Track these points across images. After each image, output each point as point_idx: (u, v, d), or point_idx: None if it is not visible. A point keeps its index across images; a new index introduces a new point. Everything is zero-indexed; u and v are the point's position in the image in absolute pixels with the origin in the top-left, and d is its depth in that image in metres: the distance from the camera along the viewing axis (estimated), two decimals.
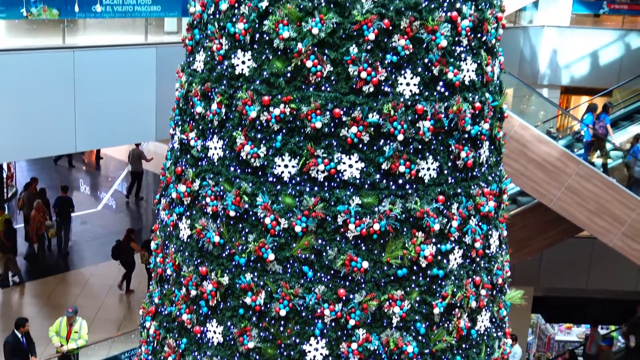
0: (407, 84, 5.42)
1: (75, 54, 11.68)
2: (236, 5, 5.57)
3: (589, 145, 16.14)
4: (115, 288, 17.77)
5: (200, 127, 5.89)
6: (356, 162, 5.44)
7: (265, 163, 5.54)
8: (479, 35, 5.71)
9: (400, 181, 5.52)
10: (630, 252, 14.36)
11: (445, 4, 5.45)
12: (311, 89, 5.40)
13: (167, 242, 6.28)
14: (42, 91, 11.61)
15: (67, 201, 19.94)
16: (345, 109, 5.36)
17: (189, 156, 6.01)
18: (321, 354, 5.57)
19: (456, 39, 5.53)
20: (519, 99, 19.63)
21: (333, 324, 5.54)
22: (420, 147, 5.50)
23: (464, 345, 5.93)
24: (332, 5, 5.31)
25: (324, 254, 5.50)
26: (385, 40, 5.34)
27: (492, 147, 6.10)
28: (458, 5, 5.51)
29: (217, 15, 5.74)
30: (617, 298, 21.00)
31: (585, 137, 16.38)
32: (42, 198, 19.63)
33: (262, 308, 5.61)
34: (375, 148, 5.43)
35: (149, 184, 25.25)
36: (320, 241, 5.49)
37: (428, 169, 5.58)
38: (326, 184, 5.47)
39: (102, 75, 12.16)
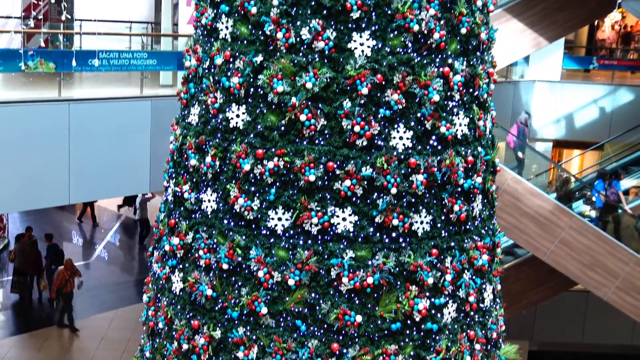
0: (400, 138, 5.47)
1: (70, 107, 11.76)
2: (231, 59, 5.64)
3: (600, 211, 16.11)
4: (107, 341, 17.54)
5: (194, 180, 5.91)
6: (350, 215, 5.45)
7: (259, 216, 5.54)
8: (471, 90, 5.79)
9: (394, 234, 5.52)
10: (625, 305, 14.29)
11: (438, 60, 5.54)
12: (305, 143, 5.44)
13: (159, 295, 6.24)
14: (36, 143, 11.65)
15: (55, 249, 19.77)
16: (338, 163, 5.39)
17: (182, 209, 6.02)
18: None
19: (448, 93, 5.60)
20: (511, 152, 19.75)
21: None
22: (413, 200, 5.52)
23: None
24: (325, 61, 5.39)
25: (317, 307, 5.46)
26: (379, 94, 5.40)
27: (485, 200, 6.12)
28: (450, 60, 5.60)
29: (212, 70, 5.81)
30: (613, 352, 20.82)
31: (596, 203, 16.37)
32: (33, 249, 19.50)
33: None
34: (368, 201, 5.45)
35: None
36: (313, 295, 5.46)
37: (421, 223, 5.59)
38: (319, 237, 5.46)
39: (97, 128, 12.22)
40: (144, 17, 21.43)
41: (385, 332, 5.52)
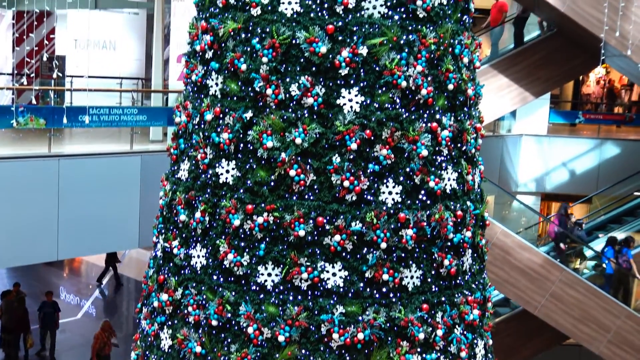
0: (390, 193, 5.50)
1: (60, 162, 11.77)
2: (221, 115, 5.69)
3: (611, 278, 16.09)
4: None
5: (184, 236, 5.89)
6: (339, 270, 5.44)
7: (249, 272, 5.52)
8: (459, 145, 5.84)
9: (384, 289, 5.50)
10: (617, 359, 14.19)
11: (426, 115, 5.60)
12: (294, 198, 5.46)
13: (147, 353, 6.16)
14: (25, 199, 11.62)
15: (52, 306, 19.50)
16: (328, 218, 5.40)
17: (171, 264, 5.99)
18: None
19: (437, 148, 5.65)
20: (500, 206, 19.83)
21: None
22: (403, 255, 5.52)
23: None
24: (315, 116, 5.44)
25: None
26: (368, 150, 5.45)
27: (475, 254, 6.13)
28: (438, 116, 5.67)
29: (202, 126, 5.84)
30: None
31: (607, 270, 16.37)
32: (20, 306, 19.24)
33: None
34: (358, 256, 5.44)
35: (130, 291, 24.91)
36: (303, 351, 5.41)
37: (411, 277, 5.58)
38: (309, 292, 5.44)
39: (86, 183, 12.21)
40: (134, 73, 21.62)
41: None
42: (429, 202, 5.61)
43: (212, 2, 5.88)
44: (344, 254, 5.43)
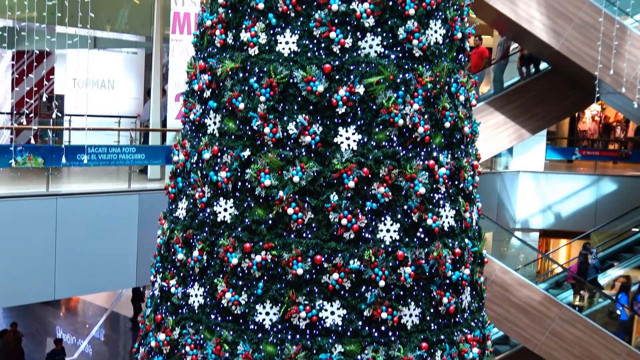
0: (388, 231, 5.50)
1: (58, 201, 11.76)
2: (219, 154, 5.71)
3: (625, 325, 16.00)
4: None
5: (181, 275, 5.87)
6: (338, 309, 5.41)
7: (247, 311, 5.49)
8: (456, 182, 5.86)
9: (383, 328, 5.47)
10: None
11: (423, 153, 5.63)
12: (292, 236, 5.46)
13: None
14: (22, 238, 11.58)
15: (61, 353, 19.27)
16: (326, 256, 5.39)
17: (169, 304, 5.96)
18: None
19: (434, 186, 5.67)
20: (498, 242, 19.79)
21: None
22: (402, 293, 5.50)
23: None
24: (312, 155, 5.46)
25: None
26: (365, 187, 5.46)
27: (474, 292, 6.11)
28: (435, 154, 5.69)
29: (200, 164, 5.86)
30: None
31: (621, 317, 16.28)
32: (16, 345, 19.05)
33: None
34: (357, 295, 5.42)
35: (126, 330, 24.72)
36: None
37: (410, 316, 5.55)
38: (308, 331, 5.40)
39: (83, 222, 12.18)
40: (133, 111, 21.71)
41: None
42: (427, 239, 5.61)
43: (210, 42, 5.95)
44: (342, 292, 5.41)
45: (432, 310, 5.65)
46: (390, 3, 5.55)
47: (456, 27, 5.95)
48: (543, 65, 16.70)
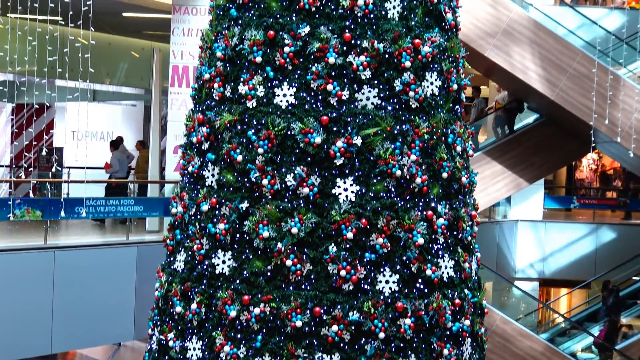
0: (387, 282, 5.48)
1: (55, 254, 11.72)
2: (217, 206, 5.72)
3: None
4: None
5: (180, 328, 5.83)
6: None
7: None
8: (454, 232, 5.86)
9: None
10: None
11: (421, 204, 5.64)
12: (291, 288, 5.44)
13: None
14: (19, 291, 11.50)
15: None
16: (325, 308, 5.36)
17: (167, 357, 5.89)
18: None
19: (433, 237, 5.67)
20: (498, 292, 19.69)
21: None
22: (401, 345, 5.45)
23: None
24: (310, 206, 5.48)
25: None
26: (364, 239, 5.46)
27: (475, 343, 6.05)
28: (433, 204, 5.71)
29: (199, 216, 5.87)
30: None
31: None
32: None
33: None
34: (356, 347, 5.38)
35: None
36: None
37: None
38: None
39: (81, 275, 12.12)
40: (132, 163, 21.79)
41: None
42: (426, 290, 5.58)
43: (209, 95, 6.01)
44: (341, 345, 5.36)
45: None
46: (387, 56, 5.63)
47: (452, 79, 6.03)
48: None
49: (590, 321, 18.65)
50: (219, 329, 5.54)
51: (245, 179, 5.62)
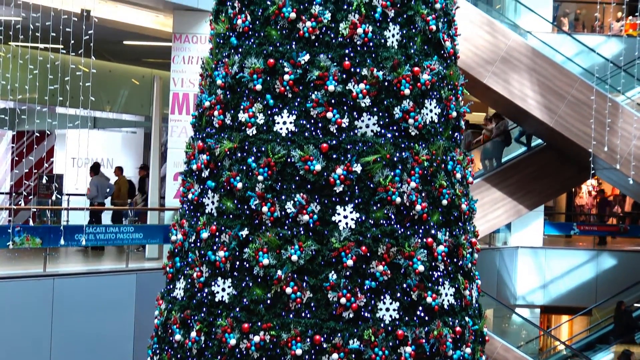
0: (387, 309, 5.46)
1: (55, 282, 11.69)
2: (217, 233, 5.71)
3: None
4: None
5: (179, 356, 5.79)
6: None
7: None
8: (455, 260, 5.86)
9: None
10: None
11: (421, 231, 5.64)
12: (291, 316, 5.42)
13: None
14: (18, 319, 11.45)
15: None
16: (325, 336, 5.34)
17: None
18: None
19: (433, 264, 5.66)
20: (499, 319, 19.58)
21: None
22: None
23: None
24: (310, 233, 5.47)
25: None
26: (364, 266, 5.45)
27: None
28: (433, 231, 5.70)
29: (198, 244, 5.86)
30: None
31: None
32: None
33: None
34: None
35: None
36: None
37: None
38: None
39: (80, 303, 12.07)
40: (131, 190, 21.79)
41: None
42: (427, 318, 5.56)
43: (209, 122, 6.03)
44: None
45: None
46: (386, 83, 5.66)
47: (451, 106, 6.06)
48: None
49: (592, 348, 18.54)
50: (219, 357, 5.51)
51: (245, 207, 5.62)
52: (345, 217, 5.49)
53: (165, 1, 13.21)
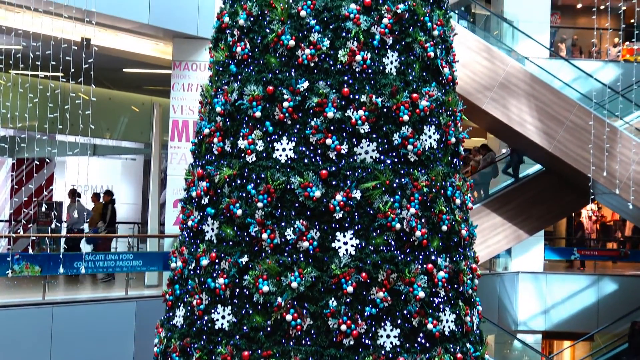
0: (388, 336, 5.44)
1: (54, 310, 11.64)
2: (217, 261, 5.70)
3: None
4: None
5: None
6: None
7: None
8: (455, 286, 5.84)
9: None
10: None
11: (421, 257, 5.63)
12: (291, 343, 5.39)
13: None
14: (17, 348, 11.38)
15: None
16: None
17: None
18: None
19: (433, 290, 5.64)
20: (500, 345, 19.46)
21: None
22: None
23: None
24: (310, 260, 5.46)
25: None
26: (364, 293, 5.43)
27: None
28: (433, 257, 5.69)
29: (198, 271, 5.85)
30: None
31: None
32: None
33: None
34: None
35: None
36: None
37: None
38: None
39: (79, 331, 12.01)
40: (131, 217, 21.78)
41: None
42: (427, 345, 5.53)
43: (208, 149, 6.04)
44: None
45: None
46: (385, 110, 5.68)
47: (450, 132, 6.07)
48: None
49: None
50: None
51: (245, 233, 5.62)
52: (345, 243, 5.48)
53: (165, 29, 13.29)
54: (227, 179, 5.75)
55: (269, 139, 5.70)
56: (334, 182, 5.53)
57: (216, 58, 6.16)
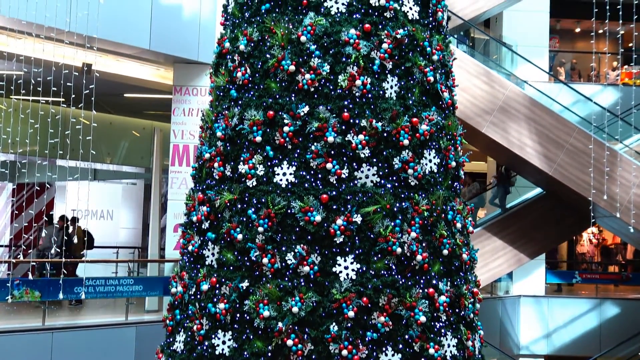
0: None
1: (54, 335, 11.58)
2: (217, 285, 5.69)
3: None
4: None
5: None
6: None
7: None
8: (457, 310, 5.82)
9: None
10: None
11: (422, 281, 5.61)
12: None
13: None
14: None
15: None
16: None
17: None
18: None
19: (435, 314, 5.62)
20: None
21: None
22: None
23: None
24: (311, 285, 5.45)
25: None
26: (365, 317, 5.41)
27: None
28: (434, 282, 5.68)
29: (199, 296, 5.83)
30: None
31: None
32: None
33: None
34: None
35: None
36: None
37: None
38: None
39: (80, 357, 11.95)
40: (131, 242, 21.75)
41: None
42: None
43: (209, 174, 6.05)
44: None
45: None
46: (385, 134, 5.69)
47: (450, 156, 6.09)
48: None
49: None
50: None
51: (246, 258, 5.61)
52: (346, 267, 5.47)
53: (165, 55, 13.37)
54: (228, 204, 5.76)
55: (269, 163, 5.71)
56: (334, 207, 5.53)
57: (217, 83, 6.19)
